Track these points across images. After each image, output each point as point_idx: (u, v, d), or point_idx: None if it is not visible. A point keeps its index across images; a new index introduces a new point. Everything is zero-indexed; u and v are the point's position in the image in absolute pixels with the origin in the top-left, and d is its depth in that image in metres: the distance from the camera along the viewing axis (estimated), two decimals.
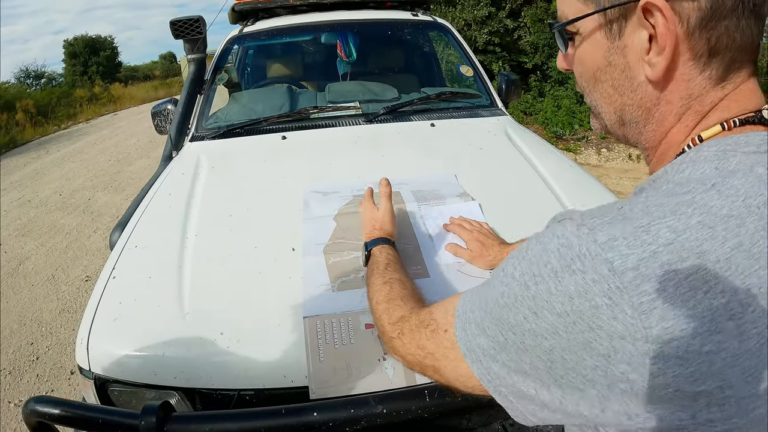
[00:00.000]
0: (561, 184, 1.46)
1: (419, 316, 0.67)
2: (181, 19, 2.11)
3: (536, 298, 0.44)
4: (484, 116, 2.06)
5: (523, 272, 0.46)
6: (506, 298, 0.47)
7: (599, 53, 0.52)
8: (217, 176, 1.61)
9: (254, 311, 1.02)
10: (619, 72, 0.51)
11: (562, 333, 0.42)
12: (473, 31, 7.25)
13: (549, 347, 0.43)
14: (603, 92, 0.54)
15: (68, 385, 2.51)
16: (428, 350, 0.62)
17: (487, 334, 0.50)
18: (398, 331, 0.71)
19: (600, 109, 0.56)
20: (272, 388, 0.92)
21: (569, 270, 0.42)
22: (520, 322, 0.45)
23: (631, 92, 0.51)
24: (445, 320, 0.60)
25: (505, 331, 0.47)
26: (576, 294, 0.41)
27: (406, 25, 2.73)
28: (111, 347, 0.99)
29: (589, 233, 0.42)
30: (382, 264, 0.92)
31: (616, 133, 0.57)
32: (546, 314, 0.43)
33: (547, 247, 0.45)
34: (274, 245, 1.21)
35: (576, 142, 6.21)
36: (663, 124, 0.51)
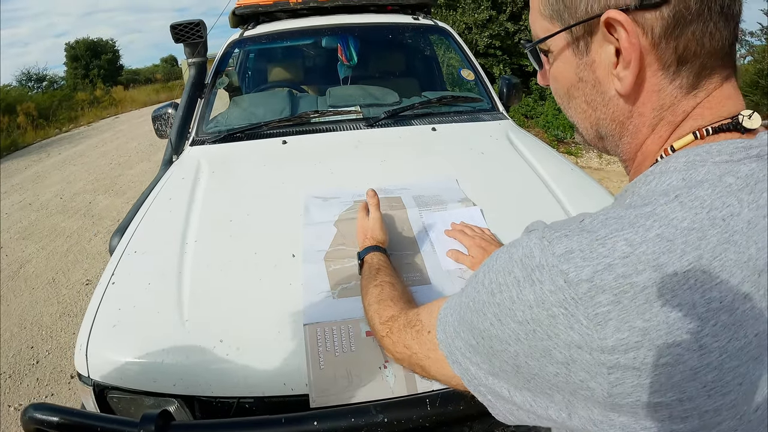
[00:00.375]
0: (563, 188, 1.45)
1: (407, 317, 0.71)
2: (181, 23, 2.11)
3: (501, 305, 0.45)
4: (486, 120, 2.05)
5: (491, 280, 0.47)
6: (476, 304, 0.49)
7: (570, 70, 0.52)
8: (218, 181, 1.61)
9: (254, 318, 1.01)
10: (590, 87, 0.51)
11: (523, 340, 0.44)
12: (474, 35, 7.24)
13: (514, 353, 0.45)
14: (577, 108, 0.55)
15: (68, 390, 2.50)
16: (413, 350, 0.66)
17: (461, 337, 0.52)
18: (387, 330, 0.74)
19: (576, 123, 0.57)
20: (272, 396, 0.91)
21: (529, 280, 0.43)
22: (487, 327, 0.47)
23: (603, 106, 0.51)
24: (429, 322, 0.63)
25: (476, 335, 0.49)
26: (535, 303, 0.42)
27: (407, 29, 2.73)
28: (110, 354, 0.98)
29: (549, 245, 0.43)
30: (373, 269, 0.94)
31: (596, 145, 0.58)
32: (509, 321, 0.45)
33: (513, 256, 0.46)
34: (274, 251, 1.20)
35: (577, 146, 6.20)
36: (637, 136, 0.51)
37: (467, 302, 0.51)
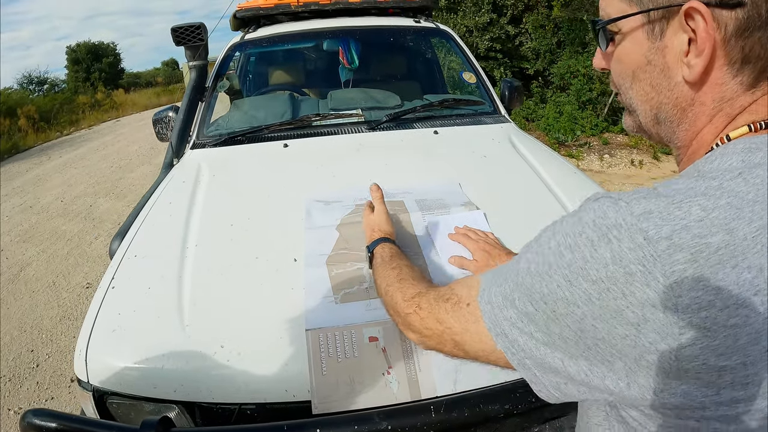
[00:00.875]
0: (565, 191, 1.45)
1: (438, 292, 0.68)
2: (182, 26, 2.11)
3: (571, 265, 0.45)
4: (488, 123, 2.04)
5: (558, 242, 0.48)
6: (539, 267, 0.49)
7: (639, 52, 0.54)
8: (218, 185, 1.60)
9: (255, 323, 1.00)
10: (658, 71, 0.53)
11: (595, 300, 0.44)
12: (475, 38, 7.25)
13: (581, 315, 0.45)
14: (640, 90, 0.56)
15: (68, 393, 2.49)
16: (447, 324, 0.63)
17: (515, 305, 0.51)
18: (415, 306, 0.71)
19: (636, 107, 0.58)
20: (274, 403, 0.90)
21: (605, 239, 0.44)
22: (552, 290, 0.47)
23: (668, 91, 0.53)
24: (467, 294, 0.61)
25: (536, 300, 0.49)
26: (611, 261, 0.43)
27: (409, 32, 2.72)
28: (109, 359, 0.97)
29: (626, 206, 0.44)
30: (386, 257, 0.92)
31: (649, 130, 0.59)
32: (580, 281, 0.44)
33: (582, 219, 0.47)
34: (275, 256, 1.19)
35: (578, 148, 6.20)
36: (695, 124, 0.53)
37: (525, 268, 0.51)
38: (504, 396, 0.86)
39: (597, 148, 6.22)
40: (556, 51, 7.34)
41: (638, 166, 5.61)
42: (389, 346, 0.91)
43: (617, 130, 6.66)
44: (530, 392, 0.85)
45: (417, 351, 0.91)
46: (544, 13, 7.19)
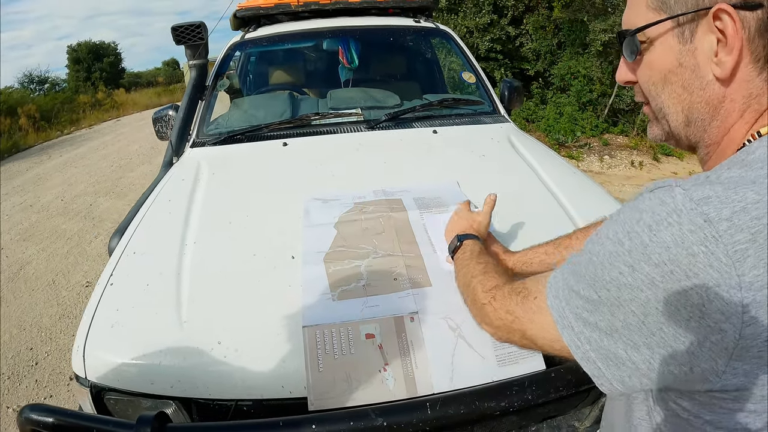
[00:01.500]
0: (564, 190, 1.45)
1: (512, 286, 0.74)
2: (182, 25, 2.11)
3: (632, 251, 0.47)
4: (487, 123, 2.05)
5: (616, 231, 0.50)
6: (600, 256, 0.51)
7: (670, 56, 0.57)
8: (218, 183, 1.60)
9: (253, 320, 1.00)
10: (689, 72, 0.56)
11: (659, 283, 0.45)
12: (475, 39, 7.25)
13: (645, 299, 0.46)
14: (672, 93, 0.58)
15: (67, 392, 2.49)
16: (516, 315, 0.69)
17: (580, 295, 0.54)
18: (490, 297, 0.77)
19: (667, 110, 0.60)
20: (270, 399, 0.90)
21: (665, 223, 0.45)
22: (615, 277, 0.49)
23: (700, 90, 0.56)
24: (536, 288, 0.66)
25: (600, 288, 0.51)
26: (673, 243, 0.44)
27: (409, 32, 2.72)
28: (107, 355, 0.97)
29: (685, 192, 0.46)
30: (476, 252, 0.96)
31: (678, 134, 0.61)
32: (643, 266, 0.46)
33: (639, 207, 0.49)
34: (273, 253, 1.19)
35: (578, 150, 6.20)
36: (727, 120, 0.55)
37: (588, 259, 0.53)
38: (501, 393, 0.86)
39: (597, 149, 6.22)
40: (556, 52, 7.34)
41: (638, 167, 5.61)
42: (386, 343, 0.91)
43: (617, 132, 6.66)
44: (527, 390, 0.86)
45: (413, 348, 0.91)
46: (544, 14, 7.18)
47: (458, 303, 0.95)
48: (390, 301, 1.00)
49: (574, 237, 0.99)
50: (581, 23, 6.72)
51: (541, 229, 1.12)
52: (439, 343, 0.92)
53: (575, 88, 6.85)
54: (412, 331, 0.93)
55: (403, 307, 0.98)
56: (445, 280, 1.06)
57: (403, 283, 1.05)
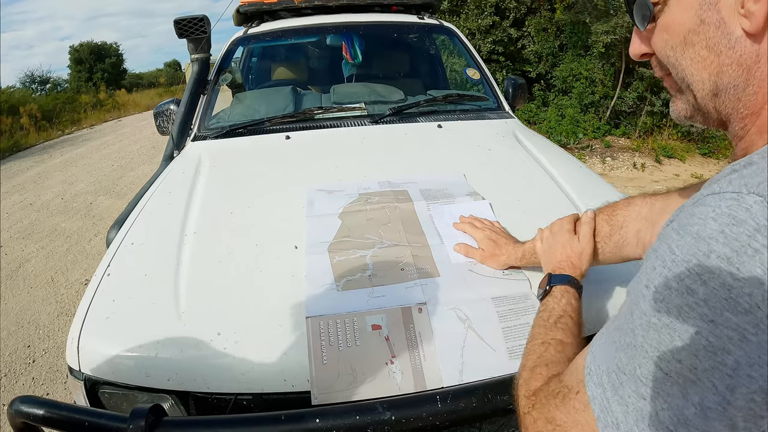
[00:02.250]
0: (571, 183, 1.42)
1: (550, 387, 0.57)
2: (185, 18, 2.08)
3: (709, 300, 0.35)
4: (492, 119, 2.02)
5: (680, 277, 0.38)
6: (665, 317, 0.38)
7: (689, 13, 0.49)
8: (219, 174, 1.57)
9: (254, 311, 0.97)
10: (714, 29, 0.47)
11: (751, 336, 0.33)
12: (477, 40, 7.24)
13: (732, 365, 0.34)
14: (696, 56, 0.50)
15: (64, 389, 2.46)
16: (558, 422, 0.51)
17: (636, 376, 0.40)
18: (530, 406, 0.59)
19: (691, 78, 0.51)
20: (271, 393, 0.87)
21: (750, 250, 0.34)
22: (689, 340, 0.37)
23: (728, 49, 0.46)
24: (575, 381, 0.51)
25: (667, 361, 0.38)
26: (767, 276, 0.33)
27: (412, 28, 2.70)
28: (102, 347, 0.94)
29: (764, 200, 0.35)
30: (555, 314, 0.78)
31: (707, 107, 0.51)
32: (728, 317, 0.34)
33: (702, 234, 0.37)
34: (276, 243, 1.16)
35: (580, 151, 6.17)
36: (766, 85, 0.46)
37: (644, 323, 0.40)
38: None
39: (599, 151, 6.20)
40: (558, 54, 7.32)
41: (640, 169, 5.58)
42: (393, 335, 0.88)
43: (619, 133, 6.64)
44: None
45: (421, 340, 0.87)
46: (546, 16, 7.17)
47: (467, 294, 0.91)
48: (397, 292, 0.96)
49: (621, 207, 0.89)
50: (583, 25, 6.70)
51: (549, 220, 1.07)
52: (449, 334, 0.88)
53: (577, 90, 6.82)
54: (421, 322, 0.90)
55: (411, 297, 0.94)
56: (454, 271, 1.02)
57: (411, 273, 1.01)
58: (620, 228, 0.86)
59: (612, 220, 0.87)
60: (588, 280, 0.88)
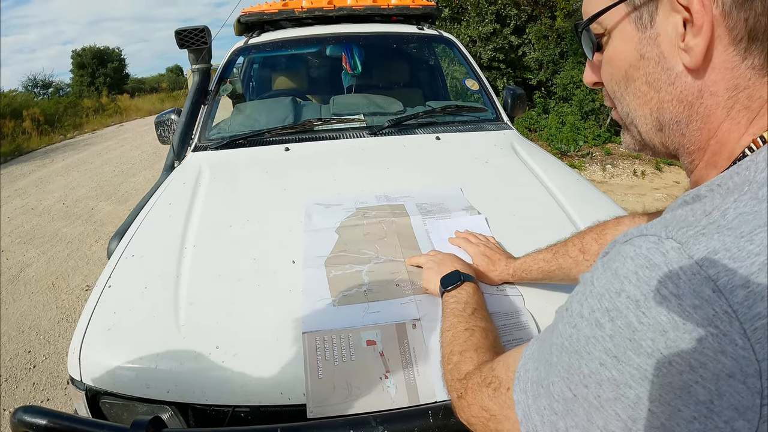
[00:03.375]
0: (569, 197, 1.44)
1: (482, 373, 0.60)
2: (186, 29, 2.11)
3: (615, 337, 0.37)
4: (490, 130, 2.04)
5: (593, 308, 0.39)
6: (575, 343, 0.40)
7: (630, 47, 0.47)
8: (219, 187, 1.59)
9: (252, 325, 0.99)
10: (653, 64, 0.46)
11: (652, 378, 0.35)
12: (478, 48, 7.27)
13: (634, 399, 0.36)
14: (636, 91, 0.49)
15: (64, 395, 2.47)
16: (492, 412, 0.54)
17: (550, 392, 0.42)
18: (462, 390, 0.62)
19: (634, 114, 0.50)
20: (268, 406, 0.88)
21: (658, 296, 0.35)
22: (595, 370, 0.38)
23: (668, 85, 0.46)
24: (506, 377, 0.53)
25: (575, 384, 0.39)
26: (671, 326, 0.34)
27: (412, 39, 2.72)
28: (103, 358, 0.96)
29: (680, 248, 0.35)
30: (470, 306, 0.82)
31: (652, 141, 0.51)
32: (631, 356, 0.36)
33: (619, 272, 0.38)
34: (273, 257, 1.18)
35: (581, 159, 6.19)
36: (710, 120, 0.45)
37: (560, 343, 0.42)
38: None
39: (599, 158, 6.22)
40: (558, 61, 7.35)
41: (640, 176, 5.60)
42: (387, 350, 0.90)
43: (619, 141, 6.65)
44: None
45: (415, 356, 0.89)
46: (547, 23, 7.21)
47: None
48: (392, 307, 0.98)
49: (570, 243, 0.95)
50: None
51: (545, 235, 1.10)
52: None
53: (577, 97, 6.85)
54: (415, 338, 0.92)
55: (406, 313, 0.96)
56: None
57: (405, 289, 1.03)
58: None
59: (601, 239, 0.90)
60: None
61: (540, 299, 1.02)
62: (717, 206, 0.38)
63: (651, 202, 4.74)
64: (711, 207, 0.38)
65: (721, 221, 0.36)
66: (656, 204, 4.68)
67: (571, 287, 0.99)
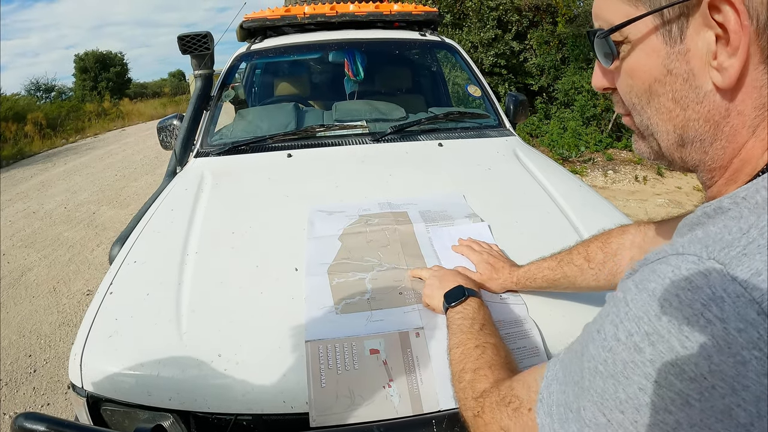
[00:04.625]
0: (571, 204, 1.43)
1: (500, 392, 0.58)
2: (189, 35, 2.12)
3: (655, 362, 0.36)
4: (493, 136, 2.04)
5: (630, 332, 0.38)
6: (611, 367, 0.38)
7: (655, 61, 0.45)
8: (221, 193, 1.59)
9: (254, 333, 0.98)
10: (681, 82, 0.44)
11: (695, 402, 0.34)
12: (480, 53, 7.29)
13: (673, 424, 0.35)
14: (660, 107, 0.47)
15: (64, 400, 2.46)
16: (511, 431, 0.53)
17: (581, 417, 0.41)
18: (479, 409, 0.60)
19: (655, 128, 0.49)
20: (271, 414, 0.88)
21: (702, 320, 0.34)
22: (633, 395, 0.37)
23: (696, 104, 0.44)
24: (528, 397, 0.52)
25: (610, 410, 0.38)
26: (715, 350, 0.33)
27: (414, 45, 2.73)
28: (105, 365, 0.95)
29: (724, 269, 0.34)
30: (477, 322, 0.81)
31: (671, 155, 0.50)
32: (672, 381, 0.35)
33: (656, 294, 0.37)
34: (276, 265, 1.18)
35: (582, 164, 6.19)
36: (735, 140, 0.44)
37: (592, 368, 0.40)
38: None
39: (601, 164, 6.22)
40: (560, 67, 7.37)
41: (642, 182, 5.59)
42: (391, 359, 0.89)
43: (621, 146, 6.66)
44: None
45: (419, 364, 0.89)
46: (548, 29, 7.23)
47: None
48: (395, 316, 0.98)
49: (575, 252, 0.94)
50: (585, 38, 6.75)
51: (548, 243, 1.10)
52: (446, 359, 0.89)
53: (579, 103, 6.86)
54: (418, 346, 0.91)
55: (409, 322, 0.96)
56: None
57: (409, 297, 1.03)
58: (614, 255, 0.88)
59: (606, 247, 0.89)
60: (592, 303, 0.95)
61: (543, 308, 1.02)
62: (753, 224, 0.36)
63: (653, 208, 4.73)
64: (747, 225, 0.37)
65: (760, 240, 0.35)
66: (658, 209, 4.68)
67: (574, 295, 1.00)
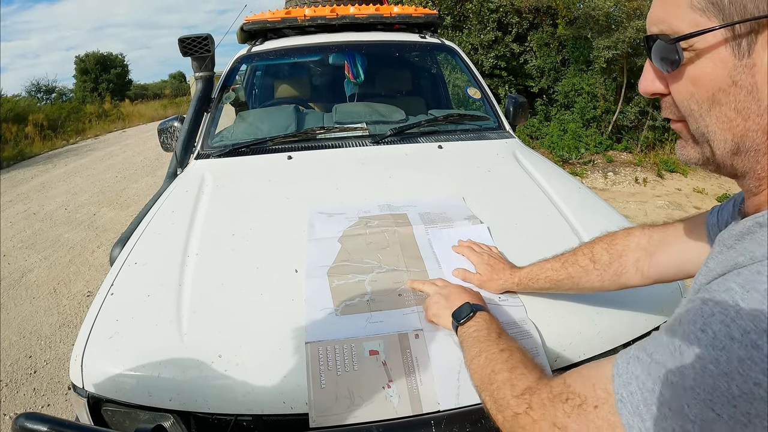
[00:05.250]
0: (571, 206, 1.44)
1: (551, 388, 0.57)
2: (189, 37, 2.12)
3: None
4: (492, 139, 2.04)
5: (745, 330, 0.38)
6: (724, 365, 0.39)
7: (722, 72, 0.46)
8: (221, 195, 1.60)
9: (254, 334, 0.99)
10: (745, 93, 0.46)
11: None
12: (480, 55, 7.29)
13: None
14: (722, 116, 0.48)
15: (65, 401, 2.47)
16: (569, 429, 0.52)
17: (684, 413, 0.41)
18: (526, 406, 0.59)
19: (712, 135, 0.50)
20: (271, 415, 0.89)
21: None
22: (748, 390, 0.37)
23: (757, 116, 0.46)
24: (593, 394, 0.51)
25: (721, 405, 0.39)
26: None
27: (414, 47, 2.74)
28: (105, 365, 0.96)
29: None
30: (494, 331, 0.80)
31: (723, 162, 0.51)
32: None
33: None
34: (276, 266, 1.18)
35: (582, 166, 6.20)
36: None
37: (699, 367, 0.41)
38: None
39: (601, 165, 6.23)
40: (560, 69, 7.37)
41: (642, 183, 5.60)
42: (390, 360, 0.90)
43: (621, 148, 6.68)
44: None
45: (418, 365, 0.89)
46: (548, 31, 7.24)
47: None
48: (394, 317, 0.98)
49: (579, 253, 0.95)
50: (585, 40, 6.76)
51: (547, 245, 1.11)
52: (445, 360, 0.90)
53: (579, 104, 6.87)
54: (417, 348, 0.92)
55: (408, 323, 0.97)
56: None
57: (408, 299, 1.03)
58: (619, 257, 0.89)
59: (612, 249, 0.90)
60: (590, 305, 0.96)
61: (542, 309, 1.02)
62: None
63: (653, 209, 4.73)
64: None
65: None
66: (658, 211, 4.68)
67: (573, 297, 1.00)
